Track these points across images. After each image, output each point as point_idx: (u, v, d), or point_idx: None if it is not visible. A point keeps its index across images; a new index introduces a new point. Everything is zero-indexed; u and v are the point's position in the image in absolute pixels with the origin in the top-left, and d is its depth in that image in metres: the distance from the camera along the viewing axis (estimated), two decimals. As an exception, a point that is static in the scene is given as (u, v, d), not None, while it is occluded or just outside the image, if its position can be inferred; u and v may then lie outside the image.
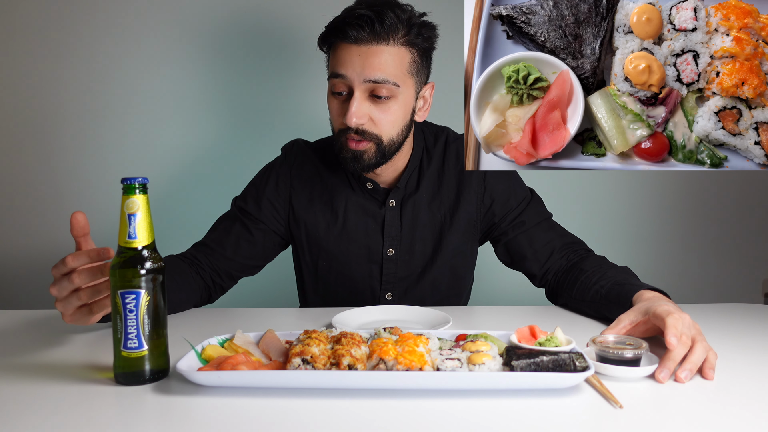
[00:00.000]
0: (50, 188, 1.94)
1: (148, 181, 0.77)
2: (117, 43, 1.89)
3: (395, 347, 0.76)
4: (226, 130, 1.94)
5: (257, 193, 1.32)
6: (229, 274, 1.30)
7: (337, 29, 1.13)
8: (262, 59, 1.92)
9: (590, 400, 0.71)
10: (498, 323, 1.09)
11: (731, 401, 0.70)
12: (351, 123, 1.13)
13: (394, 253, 1.29)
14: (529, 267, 1.30)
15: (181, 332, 1.00)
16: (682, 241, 2.11)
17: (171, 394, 0.73)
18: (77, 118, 1.91)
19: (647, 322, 0.88)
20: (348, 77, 1.12)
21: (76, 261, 0.82)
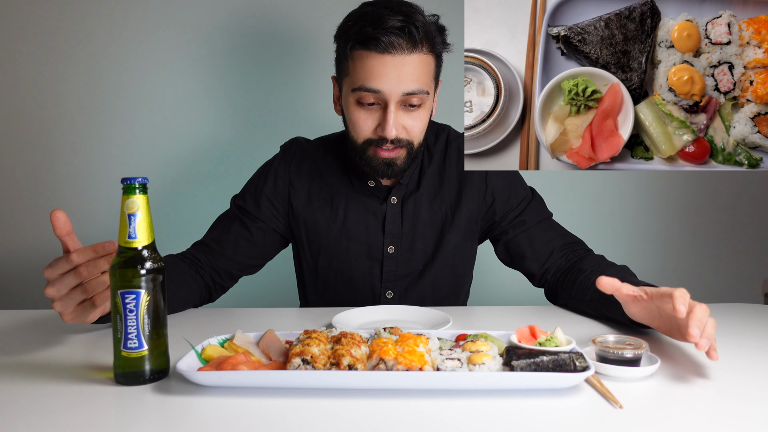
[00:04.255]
0: (50, 188, 1.94)
1: (148, 181, 0.77)
2: (117, 43, 1.89)
3: (395, 347, 0.76)
4: (226, 129, 1.94)
5: (256, 192, 1.32)
6: (229, 273, 1.30)
7: (369, 37, 1.07)
8: (262, 59, 1.92)
9: (590, 400, 0.71)
10: (498, 323, 1.09)
11: (731, 401, 0.70)
12: (391, 136, 1.12)
13: (394, 250, 1.29)
14: (528, 266, 1.30)
15: (181, 332, 1.00)
16: (682, 241, 2.11)
17: (171, 394, 0.73)
18: (77, 118, 1.91)
19: (650, 300, 0.87)
20: (384, 92, 1.10)
21: (82, 257, 0.81)
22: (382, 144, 1.15)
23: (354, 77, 1.13)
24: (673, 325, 0.86)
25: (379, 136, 1.14)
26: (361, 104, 1.14)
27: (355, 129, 1.17)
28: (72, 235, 0.85)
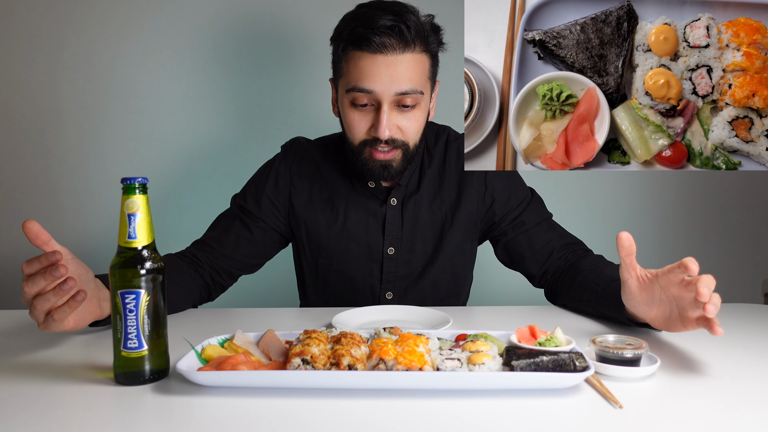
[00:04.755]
0: (50, 188, 1.94)
1: (148, 181, 0.77)
2: (117, 43, 1.89)
3: (395, 347, 0.76)
4: (226, 129, 1.94)
5: (257, 191, 1.31)
6: (229, 273, 1.30)
7: (360, 38, 1.07)
8: (262, 59, 1.92)
9: (590, 400, 0.71)
10: (498, 323, 1.09)
11: (731, 401, 0.70)
12: (384, 136, 1.12)
13: (394, 251, 1.29)
14: (528, 267, 1.30)
15: (181, 332, 1.00)
16: (682, 241, 2.11)
17: (171, 394, 0.73)
18: (77, 118, 1.91)
19: (654, 278, 0.86)
20: (377, 92, 1.10)
21: (30, 267, 0.79)
22: (376, 145, 1.14)
23: (347, 78, 1.13)
24: (673, 309, 0.85)
25: (373, 136, 1.14)
26: (355, 105, 1.13)
27: (350, 130, 1.17)
28: (50, 243, 0.82)
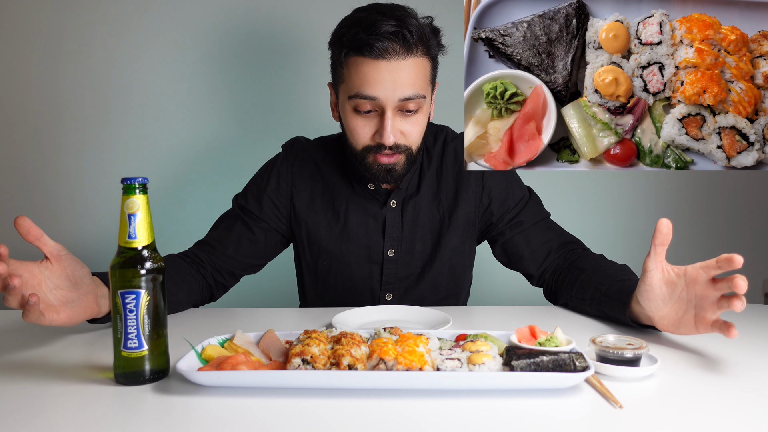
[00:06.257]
0: (50, 188, 1.94)
1: (148, 181, 0.77)
2: (117, 43, 1.89)
3: (395, 347, 0.76)
4: (226, 129, 1.94)
5: (258, 191, 1.31)
6: (231, 273, 1.30)
7: (362, 44, 1.06)
8: (262, 59, 1.92)
9: (590, 400, 0.71)
10: (498, 323, 1.09)
11: (731, 401, 0.70)
12: (389, 143, 1.12)
13: (394, 253, 1.29)
14: (526, 267, 1.30)
15: (181, 332, 1.00)
16: (682, 241, 2.11)
17: (171, 394, 0.73)
18: (77, 118, 1.91)
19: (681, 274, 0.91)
20: (380, 98, 1.09)
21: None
22: (380, 150, 1.14)
23: (350, 84, 1.12)
24: (689, 309, 0.87)
25: (377, 142, 1.14)
26: (358, 112, 1.13)
27: (354, 137, 1.16)
28: (43, 239, 0.84)
